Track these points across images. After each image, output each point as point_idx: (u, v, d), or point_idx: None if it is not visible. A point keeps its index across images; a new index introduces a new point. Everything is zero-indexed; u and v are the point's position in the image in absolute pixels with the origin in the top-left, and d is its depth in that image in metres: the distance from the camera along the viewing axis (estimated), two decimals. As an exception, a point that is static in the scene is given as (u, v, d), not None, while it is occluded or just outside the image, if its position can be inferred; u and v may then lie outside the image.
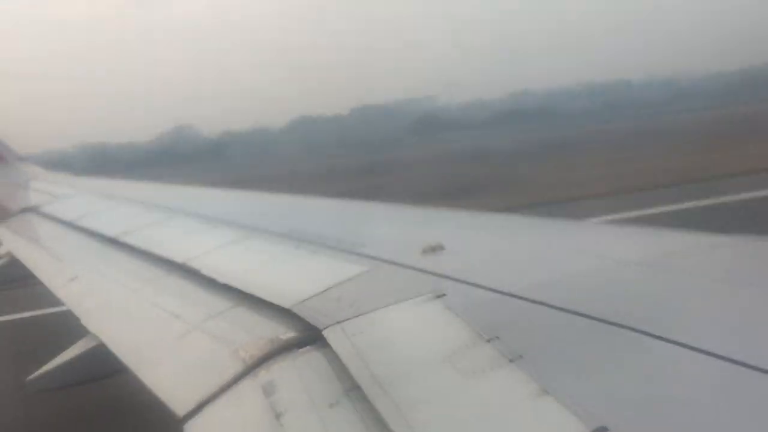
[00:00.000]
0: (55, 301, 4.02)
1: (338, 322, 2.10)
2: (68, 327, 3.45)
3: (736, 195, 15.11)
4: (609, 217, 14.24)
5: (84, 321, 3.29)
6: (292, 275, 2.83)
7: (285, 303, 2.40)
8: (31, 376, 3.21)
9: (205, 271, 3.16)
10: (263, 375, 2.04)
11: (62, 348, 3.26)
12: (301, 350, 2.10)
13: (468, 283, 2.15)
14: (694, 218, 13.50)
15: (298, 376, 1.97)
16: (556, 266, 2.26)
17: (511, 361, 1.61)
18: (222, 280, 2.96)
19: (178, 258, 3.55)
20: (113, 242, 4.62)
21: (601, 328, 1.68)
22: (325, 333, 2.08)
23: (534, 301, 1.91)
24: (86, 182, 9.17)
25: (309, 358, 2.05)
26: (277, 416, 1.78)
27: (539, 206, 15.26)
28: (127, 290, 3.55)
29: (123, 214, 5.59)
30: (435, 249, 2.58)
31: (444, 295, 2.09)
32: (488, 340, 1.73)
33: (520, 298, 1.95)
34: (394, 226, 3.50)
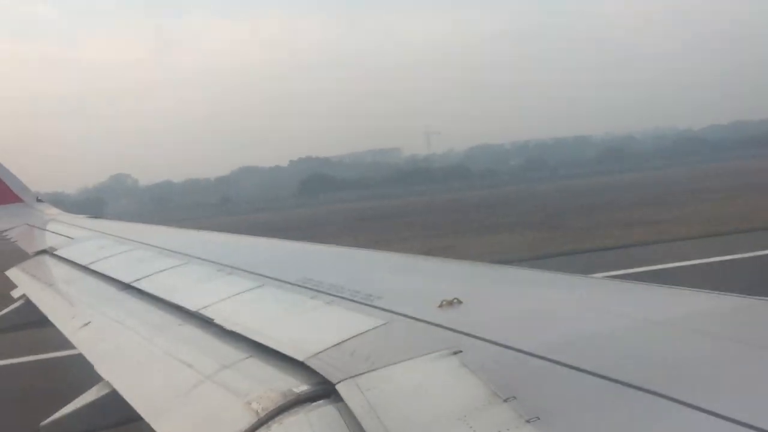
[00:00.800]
0: (70, 345, 4.04)
1: (352, 377, 2.10)
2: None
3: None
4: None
5: (97, 367, 3.30)
6: (306, 326, 2.83)
7: (299, 355, 2.40)
8: (45, 422, 3.21)
9: (218, 320, 3.17)
10: (276, 428, 2.03)
11: (76, 392, 3.26)
12: (314, 404, 2.09)
13: (485, 340, 2.14)
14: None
15: (311, 430, 1.96)
16: (576, 324, 2.24)
17: (528, 422, 1.60)
18: (235, 329, 2.97)
19: (192, 306, 3.56)
20: (127, 287, 4.65)
21: (621, 390, 1.66)
22: (338, 387, 2.07)
23: (553, 361, 1.89)
24: (103, 224, 9.26)
25: (322, 412, 2.03)
26: None
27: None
28: (140, 337, 3.56)
29: (138, 258, 5.63)
30: (452, 303, 2.57)
31: (460, 351, 2.08)
32: (505, 400, 1.72)
33: (539, 356, 1.94)
34: (411, 278, 3.49)
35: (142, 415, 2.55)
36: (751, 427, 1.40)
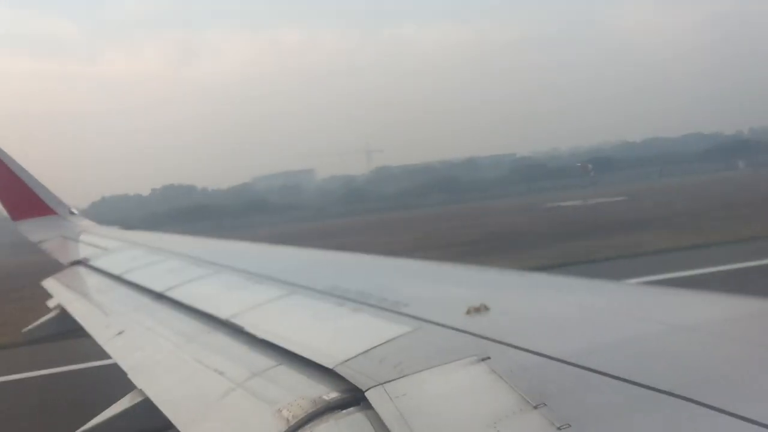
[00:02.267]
0: (104, 354, 4.11)
1: (381, 384, 2.10)
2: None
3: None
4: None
5: (130, 375, 3.35)
6: (335, 334, 2.84)
7: (328, 363, 2.41)
8: (79, 430, 3.26)
9: (248, 329, 3.20)
10: None
11: (110, 400, 3.31)
12: (344, 411, 2.10)
13: (513, 346, 2.13)
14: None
15: None
16: (604, 330, 2.21)
17: (559, 429, 1.59)
18: (265, 337, 2.99)
19: (222, 314, 3.60)
20: (159, 297, 4.72)
21: (652, 396, 1.64)
22: (368, 394, 2.07)
23: (582, 367, 1.87)
24: (135, 235, 9.41)
25: (352, 419, 2.04)
26: None
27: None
28: (172, 346, 3.61)
29: (169, 268, 5.71)
30: (480, 310, 2.56)
31: (488, 357, 2.07)
32: (535, 407, 1.71)
33: (568, 362, 1.92)
34: (438, 285, 3.48)
35: (174, 423, 2.58)
36: None
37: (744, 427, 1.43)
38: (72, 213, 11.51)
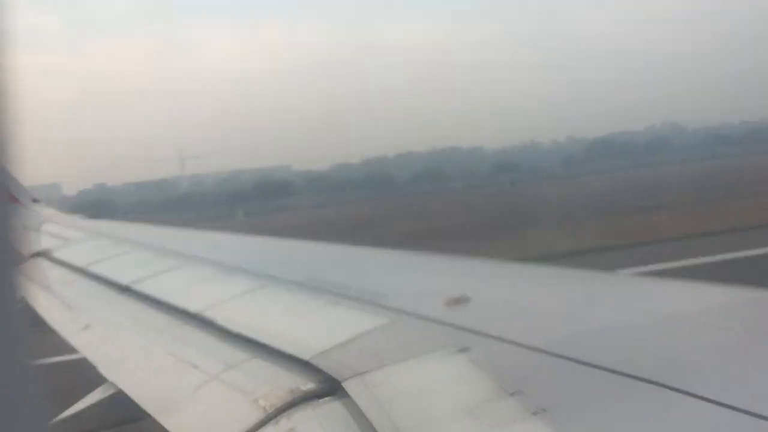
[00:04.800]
0: (70, 349, 4.03)
1: (359, 374, 2.12)
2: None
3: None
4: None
5: (101, 369, 3.30)
6: (311, 326, 2.85)
7: (304, 355, 2.42)
8: (53, 420, 3.21)
9: (220, 322, 3.17)
10: (284, 423, 2.05)
11: (77, 397, 3.27)
12: (321, 400, 2.11)
13: (492, 337, 2.17)
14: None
15: (319, 425, 1.98)
16: (581, 319, 2.27)
17: (534, 414, 1.63)
18: (239, 330, 2.97)
19: (193, 308, 3.56)
20: (126, 290, 4.64)
21: (625, 382, 1.69)
22: (345, 384, 2.09)
23: (558, 355, 1.92)
24: (99, 225, 9.23)
25: (330, 408, 2.06)
26: None
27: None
28: (142, 340, 3.56)
29: (135, 259, 5.62)
30: (458, 301, 2.59)
31: (467, 348, 2.11)
32: (511, 394, 1.75)
33: (545, 352, 1.97)
34: (417, 276, 3.50)
35: (151, 413, 2.55)
36: (754, 414, 1.43)
37: (716, 412, 1.48)
38: (34, 201, 11.23)
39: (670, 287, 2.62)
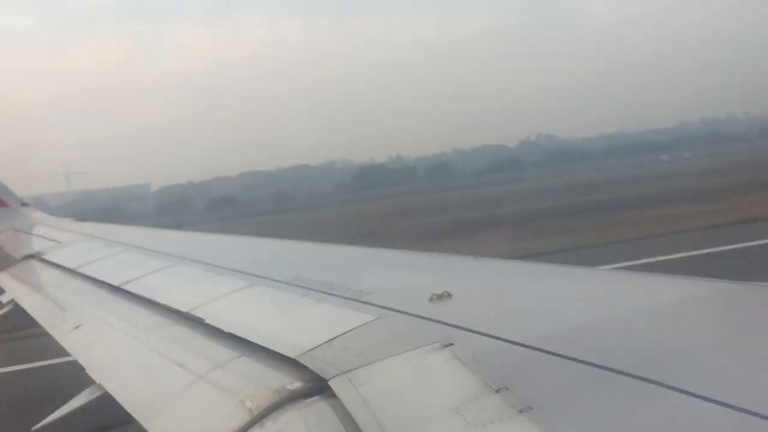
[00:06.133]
0: (60, 351, 4.02)
1: (345, 372, 2.11)
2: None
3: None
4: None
5: (89, 370, 3.29)
6: (297, 324, 2.83)
7: (291, 353, 2.41)
8: (37, 426, 3.20)
9: (209, 321, 3.17)
10: (270, 425, 2.04)
11: (68, 398, 3.25)
12: (307, 400, 2.10)
13: (476, 332, 2.16)
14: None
15: (305, 426, 1.97)
16: (566, 315, 2.26)
17: (520, 411, 1.62)
18: (227, 329, 2.97)
19: (182, 307, 3.55)
20: (117, 290, 4.63)
21: (612, 378, 1.68)
22: (331, 383, 2.08)
23: (544, 351, 1.91)
24: (89, 227, 9.21)
25: (316, 408, 2.05)
26: None
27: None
28: (132, 339, 3.55)
29: (126, 261, 5.61)
30: (443, 297, 2.58)
31: (452, 344, 2.09)
32: (497, 391, 1.73)
33: (530, 347, 1.95)
34: (401, 274, 3.49)
35: (135, 416, 2.54)
36: (741, 410, 1.42)
37: (702, 407, 1.48)
38: (24, 204, 11.20)
39: (655, 281, 2.61)
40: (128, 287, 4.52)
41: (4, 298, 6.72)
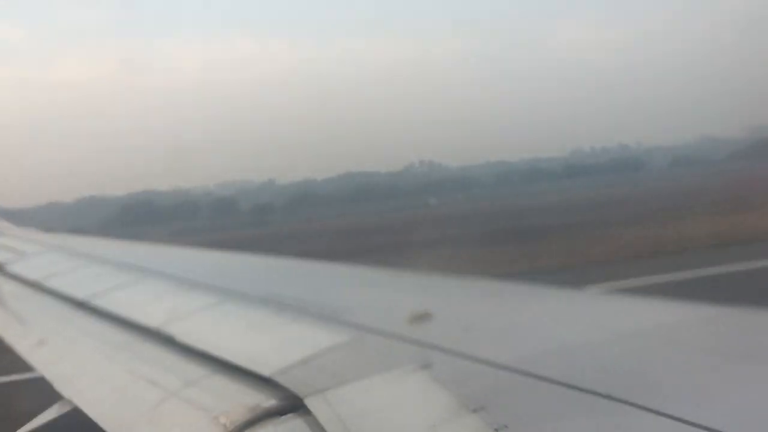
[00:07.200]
0: (23, 367, 3.92)
1: (321, 391, 2.11)
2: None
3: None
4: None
5: (56, 385, 3.22)
6: (272, 342, 2.82)
7: (265, 371, 2.40)
8: None
9: (179, 338, 3.13)
10: None
11: (31, 416, 3.17)
12: (283, 417, 2.10)
13: (455, 354, 2.18)
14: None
15: None
16: (546, 336, 2.29)
17: (496, 430, 1.64)
18: (198, 346, 2.94)
19: (152, 323, 3.50)
20: (83, 305, 4.54)
21: (590, 400, 1.71)
22: (307, 401, 2.08)
23: (522, 372, 1.94)
24: (56, 239, 9.01)
25: (292, 425, 2.04)
26: None
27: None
28: (99, 356, 3.48)
29: (93, 274, 5.51)
30: (422, 317, 2.58)
31: (430, 365, 2.11)
32: (474, 410, 1.76)
33: (509, 369, 1.98)
34: (380, 293, 3.49)
35: (107, 430, 2.50)
36: None
37: (676, 427, 1.51)
38: None
39: (637, 305, 2.65)
40: (94, 302, 4.43)
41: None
